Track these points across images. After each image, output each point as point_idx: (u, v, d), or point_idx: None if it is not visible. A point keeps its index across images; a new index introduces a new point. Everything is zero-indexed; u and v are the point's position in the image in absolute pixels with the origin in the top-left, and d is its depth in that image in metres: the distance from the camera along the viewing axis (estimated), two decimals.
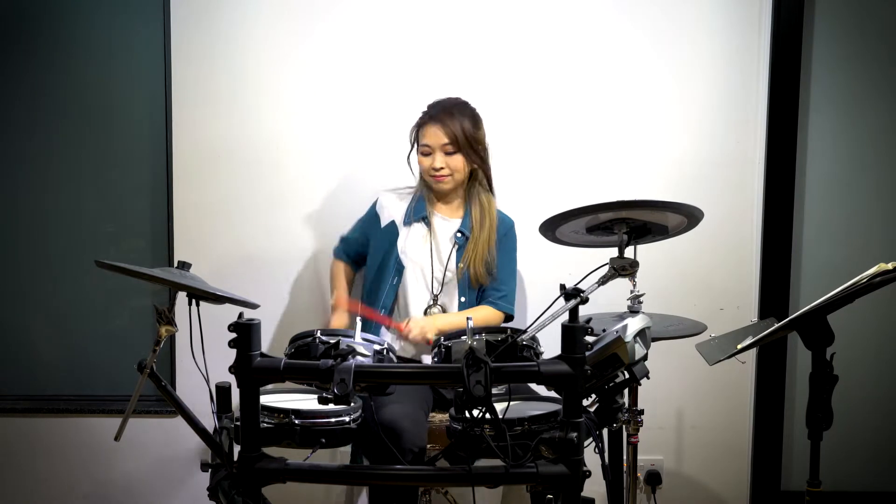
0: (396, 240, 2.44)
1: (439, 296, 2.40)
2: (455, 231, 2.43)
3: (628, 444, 2.23)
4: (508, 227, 2.49)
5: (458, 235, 2.42)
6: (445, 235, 2.44)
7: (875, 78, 2.84)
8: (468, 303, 2.41)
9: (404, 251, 2.42)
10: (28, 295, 2.92)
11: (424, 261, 2.41)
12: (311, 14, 2.71)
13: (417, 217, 2.44)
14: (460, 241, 2.42)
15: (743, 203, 2.77)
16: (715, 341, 1.98)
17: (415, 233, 2.44)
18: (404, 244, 2.43)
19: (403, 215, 2.45)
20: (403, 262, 2.42)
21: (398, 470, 1.86)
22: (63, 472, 2.86)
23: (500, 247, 2.45)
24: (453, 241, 2.42)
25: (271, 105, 2.74)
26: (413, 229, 2.44)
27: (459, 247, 2.41)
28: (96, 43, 2.84)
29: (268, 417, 1.81)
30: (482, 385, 1.50)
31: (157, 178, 2.82)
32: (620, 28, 2.72)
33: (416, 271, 2.41)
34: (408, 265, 2.41)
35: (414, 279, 2.41)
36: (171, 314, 1.72)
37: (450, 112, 2.39)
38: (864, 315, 2.78)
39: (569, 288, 1.64)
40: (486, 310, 2.42)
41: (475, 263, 2.38)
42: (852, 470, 2.90)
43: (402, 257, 2.42)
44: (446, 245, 2.43)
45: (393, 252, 2.43)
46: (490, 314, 2.42)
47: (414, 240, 2.43)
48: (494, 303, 2.43)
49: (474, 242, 2.40)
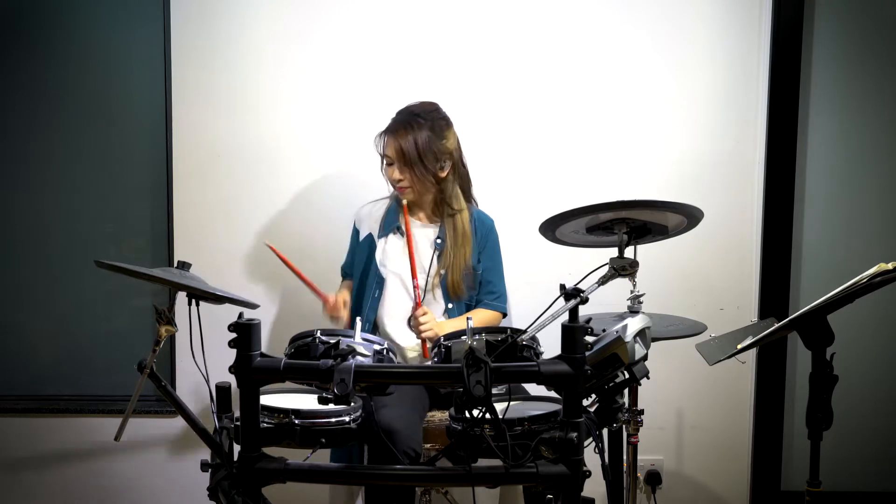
0: (374, 252, 2.43)
1: (423, 304, 2.36)
2: (435, 238, 2.41)
3: (628, 444, 2.23)
4: (489, 227, 2.47)
5: (439, 242, 2.39)
6: (425, 242, 2.41)
7: (875, 78, 2.84)
8: (455, 308, 2.40)
9: (383, 263, 2.41)
10: (28, 295, 2.92)
11: (404, 270, 2.37)
12: (310, 14, 2.72)
13: (391, 228, 2.42)
14: (440, 248, 2.39)
15: (743, 203, 2.77)
16: (715, 341, 1.98)
17: (392, 244, 2.42)
18: (382, 256, 2.41)
19: (378, 228, 2.45)
20: (383, 275, 2.40)
21: (398, 470, 1.86)
22: (63, 472, 2.86)
23: (485, 249, 2.44)
24: (433, 247, 2.40)
25: (271, 105, 2.74)
26: (389, 240, 2.42)
27: (440, 253, 2.39)
28: (96, 43, 2.84)
29: (268, 417, 1.81)
30: (482, 385, 1.50)
31: (157, 178, 2.82)
32: (620, 28, 2.72)
33: (397, 282, 2.39)
34: (388, 277, 2.40)
35: (395, 290, 2.39)
36: (171, 314, 1.72)
37: (407, 124, 2.33)
38: (864, 315, 2.78)
39: (569, 288, 1.64)
40: (486, 312, 2.42)
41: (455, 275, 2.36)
42: (852, 470, 2.90)
43: (381, 270, 2.41)
44: (427, 252, 2.40)
45: (372, 265, 2.42)
46: (490, 316, 2.42)
47: (392, 250, 2.41)
48: (490, 304, 2.44)
49: (454, 256, 2.37)
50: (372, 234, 2.46)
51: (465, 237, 2.39)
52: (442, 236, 2.40)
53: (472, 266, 2.39)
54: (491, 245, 2.46)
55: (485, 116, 2.71)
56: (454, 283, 2.36)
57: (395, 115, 2.39)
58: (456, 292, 2.38)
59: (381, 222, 2.45)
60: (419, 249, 2.39)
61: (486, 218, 2.49)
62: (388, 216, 2.45)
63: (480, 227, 2.45)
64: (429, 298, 2.38)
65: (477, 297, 2.45)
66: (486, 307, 2.44)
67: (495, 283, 2.45)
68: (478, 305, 2.44)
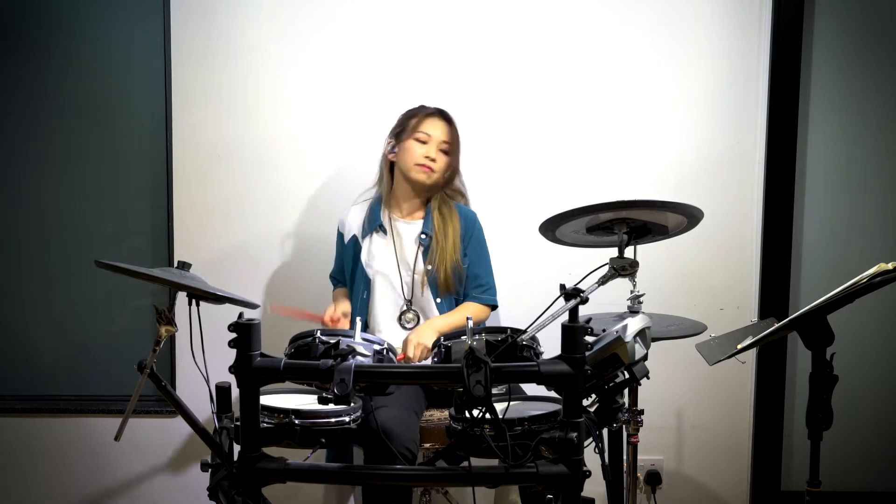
0: (360, 254, 2.44)
1: (412, 301, 2.39)
2: (419, 233, 2.41)
3: (628, 444, 2.23)
4: (472, 220, 2.48)
5: (423, 237, 2.40)
6: (409, 239, 2.42)
7: (875, 78, 2.84)
8: (445, 303, 2.40)
9: (369, 263, 2.42)
10: (28, 295, 2.92)
11: (390, 269, 2.40)
12: (310, 14, 2.72)
13: (374, 227, 2.43)
14: (425, 243, 2.40)
15: (743, 203, 2.77)
16: (715, 341, 1.98)
17: (376, 243, 2.43)
18: (367, 256, 2.42)
19: (360, 228, 2.45)
20: (370, 275, 2.41)
21: (398, 470, 1.86)
22: (63, 472, 2.86)
23: (471, 242, 2.45)
24: (417, 242, 2.41)
25: (271, 105, 2.74)
26: (373, 240, 2.43)
27: (425, 248, 2.40)
28: (96, 43, 2.84)
29: (268, 417, 1.81)
30: (482, 385, 1.50)
31: (157, 178, 2.82)
32: (620, 28, 2.72)
33: (384, 281, 2.40)
34: (374, 277, 2.41)
35: (383, 289, 2.40)
36: (171, 314, 1.71)
37: (448, 116, 2.43)
38: (864, 315, 2.78)
39: (569, 288, 1.64)
40: (472, 306, 2.42)
41: (444, 270, 2.37)
42: (852, 470, 2.90)
43: (367, 270, 2.41)
44: (411, 248, 2.41)
45: (358, 266, 2.43)
46: (479, 310, 2.43)
47: (376, 250, 2.42)
48: (478, 297, 2.44)
49: (441, 251, 2.38)
50: (356, 235, 2.46)
51: (454, 229, 2.41)
52: (427, 231, 2.40)
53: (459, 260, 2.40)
54: (476, 237, 2.47)
55: (485, 116, 2.71)
56: (446, 279, 2.37)
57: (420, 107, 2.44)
58: (448, 289, 2.39)
59: (363, 223, 2.46)
60: (403, 246, 2.41)
61: (468, 211, 2.50)
62: (370, 215, 2.46)
63: (464, 220, 2.45)
64: (416, 295, 2.39)
65: (464, 292, 2.45)
66: (475, 300, 2.44)
67: (482, 275, 2.46)
68: (465, 299, 2.45)
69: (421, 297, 2.39)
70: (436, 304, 2.40)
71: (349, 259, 2.47)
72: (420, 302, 2.39)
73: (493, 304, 2.47)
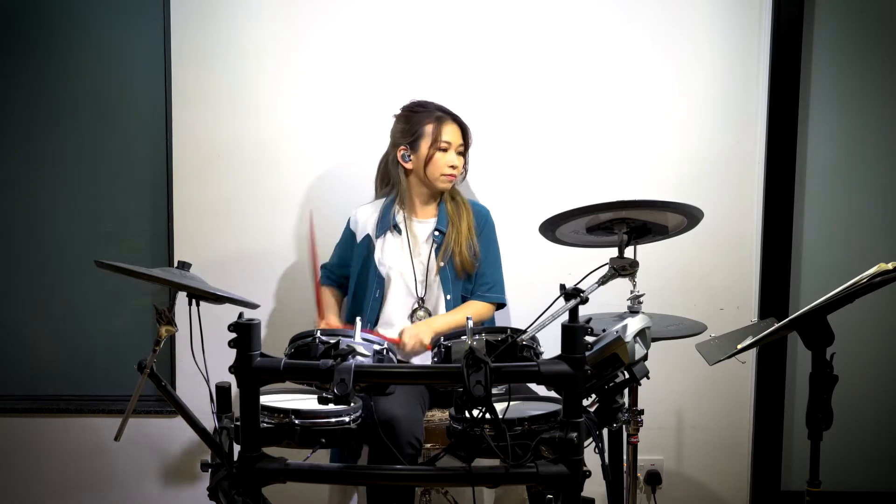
0: (373, 253, 2.44)
1: (424, 298, 2.40)
2: (432, 230, 2.43)
3: (628, 444, 2.23)
4: (485, 216, 2.50)
5: (437, 234, 2.42)
6: (423, 237, 2.44)
7: (875, 78, 2.84)
8: (454, 300, 2.41)
9: (382, 262, 2.42)
10: (28, 295, 2.92)
11: (405, 267, 2.41)
12: (310, 14, 2.72)
13: (387, 226, 2.44)
14: (438, 240, 2.42)
15: (743, 203, 2.77)
16: (715, 341, 1.98)
17: (389, 242, 2.44)
18: (381, 255, 2.43)
19: (374, 228, 2.46)
20: (383, 274, 2.42)
21: (398, 470, 1.86)
22: (63, 472, 2.86)
23: (482, 237, 2.46)
24: (431, 240, 2.43)
25: (271, 105, 2.74)
26: (387, 239, 2.44)
27: (438, 245, 2.42)
28: (96, 43, 2.84)
29: (268, 417, 1.81)
30: (482, 385, 1.50)
31: (157, 178, 2.82)
32: (620, 28, 2.72)
33: (398, 279, 2.41)
34: (387, 275, 2.41)
35: (397, 287, 2.41)
36: (171, 314, 1.72)
37: (459, 117, 2.45)
38: (864, 315, 2.78)
39: (569, 288, 1.64)
40: (476, 304, 2.43)
41: (460, 251, 2.39)
42: (852, 470, 2.90)
43: (380, 269, 2.42)
44: (425, 247, 2.43)
45: (371, 265, 2.44)
46: (483, 308, 2.43)
47: (390, 249, 2.43)
48: (483, 295, 2.45)
49: (455, 233, 2.40)
50: (370, 234, 2.46)
51: (467, 210, 2.45)
52: (441, 227, 2.42)
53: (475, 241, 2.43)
54: (487, 233, 2.48)
55: (485, 116, 2.71)
56: (462, 261, 2.39)
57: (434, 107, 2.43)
58: (465, 268, 2.40)
59: (377, 222, 2.46)
60: (419, 245, 2.42)
61: (481, 207, 2.53)
62: (383, 215, 2.46)
63: (477, 216, 2.48)
64: (428, 293, 2.41)
65: (471, 289, 2.46)
66: (480, 299, 2.45)
67: (489, 273, 2.46)
68: (471, 297, 2.45)
69: (433, 294, 2.41)
70: (446, 300, 2.40)
71: (359, 258, 2.48)
72: (431, 300, 2.41)
73: (500, 301, 2.48)
